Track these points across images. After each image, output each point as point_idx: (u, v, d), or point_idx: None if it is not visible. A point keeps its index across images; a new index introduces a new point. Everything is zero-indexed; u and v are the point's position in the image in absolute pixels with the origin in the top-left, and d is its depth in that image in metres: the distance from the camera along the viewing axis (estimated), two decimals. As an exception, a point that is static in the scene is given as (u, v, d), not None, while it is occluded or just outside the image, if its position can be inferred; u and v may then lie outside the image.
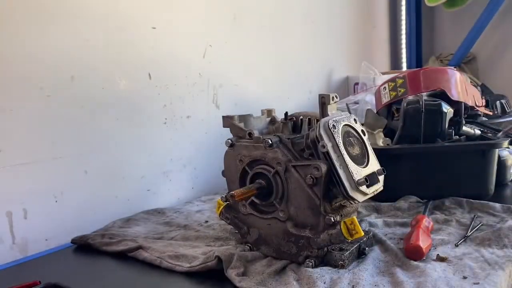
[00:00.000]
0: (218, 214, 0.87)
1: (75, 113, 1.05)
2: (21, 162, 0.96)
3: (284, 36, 1.67)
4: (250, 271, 0.76)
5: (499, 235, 0.82)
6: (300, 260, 0.78)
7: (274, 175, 0.78)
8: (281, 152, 0.77)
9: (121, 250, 0.90)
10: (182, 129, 1.31)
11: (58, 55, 1.02)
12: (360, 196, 0.74)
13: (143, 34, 1.19)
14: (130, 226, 1.06)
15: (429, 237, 0.82)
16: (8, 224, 0.95)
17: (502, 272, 0.71)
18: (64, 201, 1.04)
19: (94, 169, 1.09)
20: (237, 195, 0.75)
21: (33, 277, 0.76)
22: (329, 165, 0.73)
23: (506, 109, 1.54)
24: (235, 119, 0.86)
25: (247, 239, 0.85)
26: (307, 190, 0.75)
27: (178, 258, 0.83)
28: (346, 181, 0.73)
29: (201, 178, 1.37)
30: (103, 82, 1.11)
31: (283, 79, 1.68)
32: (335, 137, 0.73)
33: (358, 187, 0.73)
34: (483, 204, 1.00)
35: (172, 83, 1.27)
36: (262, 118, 0.92)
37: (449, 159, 1.07)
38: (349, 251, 0.78)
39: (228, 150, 0.86)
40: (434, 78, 1.27)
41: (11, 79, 0.95)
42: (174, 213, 1.15)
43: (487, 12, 2.15)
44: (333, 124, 0.74)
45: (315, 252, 0.76)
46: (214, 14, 1.39)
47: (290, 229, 0.78)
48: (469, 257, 0.76)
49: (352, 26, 2.08)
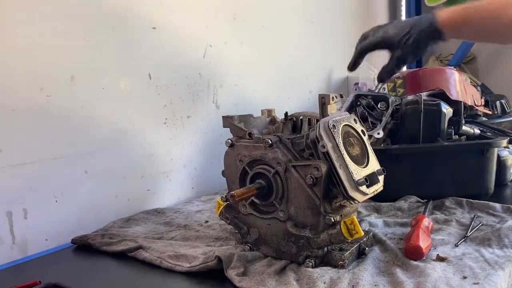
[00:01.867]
0: (218, 214, 0.88)
1: (75, 113, 1.05)
2: (21, 162, 0.96)
3: (284, 36, 1.67)
4: (250, 271, 0.76)
5: (499, 235, 0.83)
6: (300, 260, 0.78)
7: (274, 175, 0.78)
8: (281, 152, 0.78)
9: (121, 250, 0.90)
10: (182, 129, 1.31)
11: (58, 55, 1.02)
12: (360, 196, 0.74)
13: (143, 34, 1.19)
14: (130, 226, 1.06)
15: (429, 237, 0.82)
16: (8, 224, 0.95)
17: (502, 272, 0.71)
18: (64, 201, 1.04)
19: (94, 169, 1.09)
20: (237, 195, 0.75)
21: (33, 277, 0.76)
22: (329, 165, 0.73)
23: (506, 109, 1.54)
24: (235, 119, 0.86)
25: (247, 239, 0.85)
26: (307, 190, 0.75)
27: (178, 258, 0.83)
28: (346, 181, 0.73)
29: (201, 178, 1.37)
30: (103, 82, 1.11)
31: (283, 79, 1.68)
32: (335, 137, 0.73)
33: (358, 187, 0.73)
34: (483, 204, 1.00)
35: (172, 83, 1.27)
36: (262, 118, 0.92)
37: (449, 159, 1.07)
38: (349, 251, 0.78)
39: (228, 150, 0.86)
40: (433, 78, 1.27)
41: (11, 79, 0.95)
42: (174, 213, 1.15)
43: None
44: (333, 124, 0.74)
45: (315, 252, 0.76)
46: (214, 14, 1.39)
47: (290, 229, 0.79)
48: (469, 257, 0.76)
49: (352, 26, 2.08)
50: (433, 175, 1.07)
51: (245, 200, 0.82)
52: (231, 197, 0.75)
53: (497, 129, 1.28)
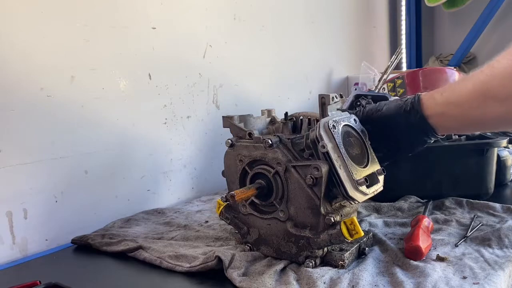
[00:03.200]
0: (218, 214, 0.88)
1: (75, 113, 1.05)
2: (21, 162, 0.96)
3: (284, 36, 1.67)
4: (250, 271, 0.76)
5: (499, 235, 0.82)
6: (300, 260, 0.78)
7: (274, 175, 0.78)
8: (281, 152, 0.77)
9: (121, 250, 0.90)
10: (182, 129, 1.31)
11: (58, 55, 1.02)
12: (360, 196, 0.74)
13: (143, 34, 1.20)
14: (130, 226, 1.06)
15: (429, 237, 0.82)
16: (8, 224, 0.95)
17: (502, 272, 0.71)
18: (64, 201, 1.04)
19: (94, 169, 1.09)
20: (237, 195, 0.75)
21: (33, 277, 0.76)
22: (329, 165, 0.73)
23: (506, 109, 1.54)
24: (235, 119, 0.86)
25: (247, 239, 0.85)
26: (307, 190, 0.75)
27: (178, 258, 0.83)
28: (346, 181, 0.72)
29: (201, 178, 1.38)
30: (103, 82, 1.11)
31: (283, 79, 1.68)
32: (335, 137, 0.73)
33: (358, 187, 0.73)
34: (483, 204, 1.00)
35: (172, 83, 1.27)
36: (262, 118, 0.92)
37: (449, 159, 1.07)
38: (349, 251, 0.78)
39: (228, 150, 0.86)
40: (433, 78, 1.27)
41: (11, 79, 0.95)
42: (174, 213, 1.15)
43: (487, 12, 2.15)
44: (333, 124, 0.74)
45: (315, 252, 0.76)
46: (214, 14, 1.39)
47: (290, 229, 0.78)
48: (469, 257, 0.76)
49: (352, 26, 2.08)
50: (433, 175, 1.07)
51: (245, 200, 0.82)
52: (231, 197, 0.75)
53: (497, 129, 1.28)
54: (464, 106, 0.69)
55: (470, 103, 0.68)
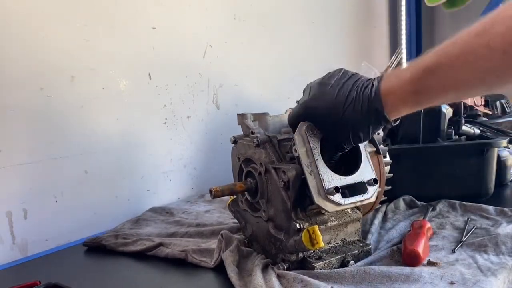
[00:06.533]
0: (227, 206, 0.90)
1: (75, 113, 1.05)
2: (21, 162, 0.96)
3: (284, 36, 1.67)
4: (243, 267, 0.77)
5: (496, 242, 0.79)
6: (277, 262, 0.76)
7: (259, 174, 0.79)
8: (266, 152, 0.77)
9: (140, 249, 0.89)
10: (182, 129, 1.31)
11: (58, 55, 1.02)
12: (331, 205, 0.69)
13: (143, 34, 1.20)
14: (141, 227, 1.06)
15: (427, 243, 0.80)
16: (8, 224, 0.95)
17: (494, 278, 0.68)
18: (64, 201, 1.04)
19: (94, 169, 1.09)
20: (214, 191, 0.76)
21: (33, 277, 0.76)
22: (299, 170, 0.71)
23: (506, 109, 1.54)
24: (248, 117, 0.85)
25: (245, 233, 0.87)
26: (282, 193, 0.73)
27: (202, 253, 0.84)
28: (313, 188, 0.69)
29: (201, 178, 1.38)
30: (103, 82, 1.11)
31: (283, 79, 1.67)
32: (310, 142, 0.71)
33: (327, 196, 0.68)
34: (476, 206, 0.98)
35: (172, 83, 1.27)
36: (282, 117, 0.89)
37: (449, 159, 1.07)
38: (327, 261, 0.73)
39: (232, 147, 0.87)
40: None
41: (11, 79, 0.95)
42: (183, 213, 1.15)
43: (487, 12, 2.14)
44: (311, 128, 0.71)
45: (288, 257, 0.74)
46: (214, 14, 1.39)
47: (271, 230, 0.78)
48: (461, 263, 0.73)
49: (352, 26, 2.08)
50: (433, 175, 1.07)
51: (230, 196, 0.84)
52: (210, 192, 0.77)
53: (497, 129, 1.28)
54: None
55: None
